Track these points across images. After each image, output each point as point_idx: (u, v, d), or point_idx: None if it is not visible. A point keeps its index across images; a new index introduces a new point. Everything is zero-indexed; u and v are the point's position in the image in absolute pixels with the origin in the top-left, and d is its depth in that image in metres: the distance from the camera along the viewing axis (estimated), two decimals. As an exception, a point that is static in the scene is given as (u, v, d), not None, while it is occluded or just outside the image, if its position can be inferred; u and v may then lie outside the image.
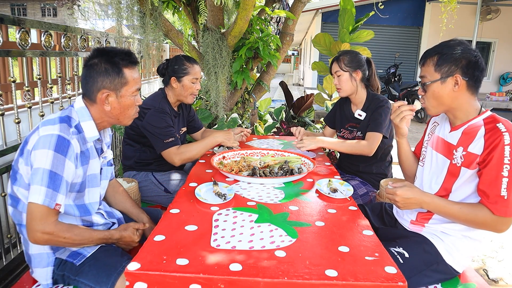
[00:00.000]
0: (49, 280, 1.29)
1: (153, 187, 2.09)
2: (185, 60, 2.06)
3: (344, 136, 2.21)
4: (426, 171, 1.46)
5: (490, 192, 1.19)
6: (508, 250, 2.60)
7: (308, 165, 1.83)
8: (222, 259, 1.00)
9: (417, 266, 1.30)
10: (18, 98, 2.00)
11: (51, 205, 1.13)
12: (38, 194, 1.12)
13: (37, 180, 1.13)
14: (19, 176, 1.22)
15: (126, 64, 1.30)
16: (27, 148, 1.20)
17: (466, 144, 1.28)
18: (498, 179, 1.17)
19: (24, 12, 26.09)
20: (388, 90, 8.48)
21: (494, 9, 9.15)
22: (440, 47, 1.31)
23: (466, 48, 1.27)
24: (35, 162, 1.15)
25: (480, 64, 1.27)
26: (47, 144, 1.15)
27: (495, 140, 1.18)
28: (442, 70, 1.29)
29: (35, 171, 1.14)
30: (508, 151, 1.16)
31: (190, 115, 2.33)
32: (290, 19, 3.44)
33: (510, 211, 1.17)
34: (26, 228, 1.15)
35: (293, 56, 27.59)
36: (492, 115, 1.28)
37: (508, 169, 1.16)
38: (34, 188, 1.12)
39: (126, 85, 1.30)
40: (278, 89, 13.19)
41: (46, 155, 1.14)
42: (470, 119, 1.30)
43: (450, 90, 1.29)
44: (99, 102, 1.29)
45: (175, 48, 7.03)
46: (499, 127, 1.20)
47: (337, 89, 2.11)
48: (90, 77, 1.27)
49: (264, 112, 4.44)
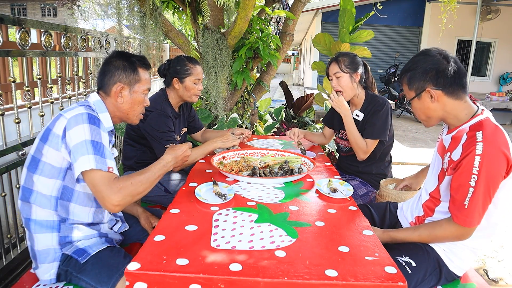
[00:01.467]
0: (53, 276, 1.30)
1: (153, 187, 2.09)
2: (187, 61, 2.05)
3: (343, 137, 2.21)
4: (431, 171, 1.47)
5: (457, 199, 1.20)
6: (508, 250, 2.60)
7: (308, 165, 1.83)
8: (222, 259, 1.00)
9: (423, 274, 1.30)
10: (18, 98, 2.00)
11: (103, 168, 1.17)
12: (88, 162, 1.16)
13: (83, 151, 1.17)
14: (42, 164, 1.24)
15: (141, 65, 1.43)
16: (55, 133, 1.22)
17: (452, 150, 1.28)
18: (465, 187, 1.17)
19: (24, 12, 26.08)
20: (388, 90, 8.48)
21: (494, 9, 9.14)
22: (409, 63, 1.32)
23: (434, 58, 1.26)
24: (73, 139, 1.18)
25: (451, 69, 1.24)
26: (80, 120, 1.21)
27: (469, 149, 1.17)
28: (414, 87, 1.30)
29: (76, 146, 1.17)
30: (477, 161, 1.14)
31: (191, 116, 2.33)
32: (290, 19, 3.44)
33: (468, 221, 1.17)
34: (100, 201, 1.17)
35: (293, 56, 27.58)
36: (480, 121, 1.23)
37: (476, 179, 1.14)
38: (82, 159, 1.16)
39: (139, 82, 1.42)
40: (278, 89, 13.19)
41: (82, 129, 1.19)
42: (461, 123, 1.28)
43: (429, 103, 1.29)
44: (113, 95, 1.39)
45: (175, 48, 7.03)
46: (476, 136, 1.18)
47: (337, 91, 2.04)
48: (108, 71, 1.39)
49: (264, 112, 4.44)
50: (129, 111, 1.44)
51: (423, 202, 1.42)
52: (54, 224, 1.29)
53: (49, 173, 1.24)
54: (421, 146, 5.82)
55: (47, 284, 1.30)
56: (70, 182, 1.28)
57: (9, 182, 1.87)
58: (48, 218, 1.28)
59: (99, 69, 1.44)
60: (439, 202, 1.35)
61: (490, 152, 1.14)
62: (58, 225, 1.29)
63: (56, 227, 1.29)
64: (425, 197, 1.43)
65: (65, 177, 1.26)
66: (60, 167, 1.25)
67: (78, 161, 1.16)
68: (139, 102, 1.44)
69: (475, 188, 1.15)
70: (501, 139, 1.17)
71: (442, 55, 1.27)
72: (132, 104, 1.42)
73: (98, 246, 1.33)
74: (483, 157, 1.14)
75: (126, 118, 1.46)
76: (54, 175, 1.25)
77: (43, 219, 1.28)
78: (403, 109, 8.15)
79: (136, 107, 1.44)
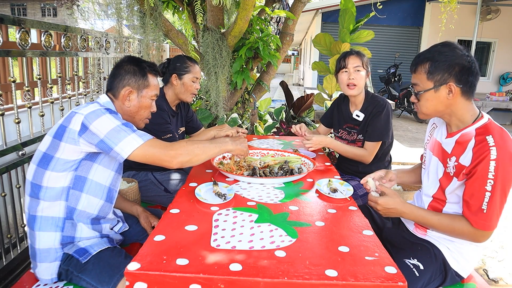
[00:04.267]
0: (54, 275, 1.30)
1: (152, 186, 2.09)
2: (187, 59, 2.12)
3: (342, 136, 2.21)
4: (426, 174, 1.45)
5: (472, 204, 1.19)
6: (508, 250, 2.60)
7: (308, 165, 1.83)
8: (222, 259, 1.00)
9: (429, 277, 1.30)
10: (18, 98, 2.00)
11: (149, 138, 1.26)
12: (134, 140, 1.23)
13: (122, 135, 1.22)
14: (55, 160, 1.25)
15: (151, 71, 1.48)
16: (71, 129, 1.23)
17: (458, 154, 1.26)
18: (481, 192, 1.16)
19: (24, 12, 26.07)
20: (388, 90, 8.48)
21: (494, 9, 9.14)
22: (431, 52, 1.26)
23: (459, 53, 1.22)
24: (102, 129, 1.22)
25: (474, 68, 1.22)
26: (99, 113, 1.25)
27: (482, 154, 1.16)
28: (435, 78, 1.24)
29: (111, 133, 1.22)
30: (493, 166, 1.14)
31: (189, 116, 2.34)
32: (290, 19, 3.44)
33: (488, 225, 1.17)
34: (161, 164, 1.26)
35: (293, 56, 27.57)
36: (485, 125, 1.23)
37: (492, 184, 1.15)
38: (125, 141, 1.22)
39: (148, 87, 1.46)
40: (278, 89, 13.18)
41: (108, 118, 1.24)
42: (465, 126, 1.27)
43: (444, 98, 1.25)
44: (121, 98, 1.43)
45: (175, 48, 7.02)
46: (487, 140, 1.17)
47: (352, 84, 2.00)
48: (118, 75, 1.43)
49: (264, 112, 4.44)
50: (135, 115, 1.47)
51: (428, 203, 1.41)
52: (59, 222, 1.29)
53: (62, 167, 1.26)
54: (421, 146, 5.82)
55: (47, 284, 1.30)
56: (83, 171, 1.30)
57: (9, 182, 1.87)
58: (54, 214, 1.28)
59: (110, 72, 1.48)
60: (445, 203, 1.34)
61: (504, 156, 1.15)
62: (63, 223, 1.30)
63: (60, 226, 1.29)
64: (427, 200, 1.41)
65: (79, 167, 1.28)
66: (75, 159, 1.27)
67: (121, 145, 1.22)
68: (146, 107, 1.48)
69: (492, 193, 1.15)
70: (509, 141, 1.18)
71: (466, 53, 1.23)
72: (138, 108, 1.46)
73: (99, 246, 1.33)
74: (498, 161, 1.14)
75: (131, 122, 1.47)
76: (67, 168, 1.27)
77: (49, 216, 1.28)
78: (403, 109, 8.14)
79: (142, 112, 1.48)
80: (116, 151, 1.22)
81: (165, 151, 1.26)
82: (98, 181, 1.34)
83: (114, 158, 1.33)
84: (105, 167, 1.35)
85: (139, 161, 1.26)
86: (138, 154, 1.24)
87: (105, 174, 1.36)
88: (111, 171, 1.39)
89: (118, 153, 1.23)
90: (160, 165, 1.28)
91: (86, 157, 1.29)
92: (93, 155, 1.30)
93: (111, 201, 1.44)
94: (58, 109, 2.29)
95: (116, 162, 1.40)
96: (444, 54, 1.23)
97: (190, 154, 1.31)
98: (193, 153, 1.32)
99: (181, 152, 1.29)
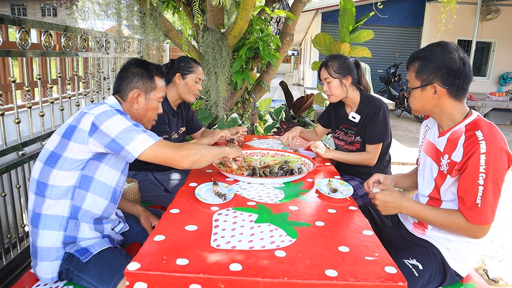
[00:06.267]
0: (55, 274, 1.30)
1: (153, 186, 2.09)
2: (191, 60, 2.17)
3: (339, 137, 2.21)
4: (422, 175, 1.46)
5: (467, 199, 1.19)
6: (508, 250, 2.60)
7: (308, 165, 1.83)
8: (222, 259, 1.00)
9: (428, 277, 1.30)
10: (18, 98, 2.00)
11: (160, 139, 1.28)
12: (145, 140, 1.25)
13: (133, 135, 1.24)
14: (63, 159, 1.26)
15: (157, 73, 1.50)
16: (81, 129, 1.24)
17: (450, 152, 1.27)
18: (474, 187, 1.17)
19: (24, 12, 26.06)
20: (388, 90, 8.48)
21: (494, 9, 9.14)
22: (423, 51, 1.29)
23: (450, 55, 1.23)
24: (113, 129, 1.23)
25: (463, 71, 1.23)
26: (110, 113, 1.26)
27: (472, 149, 1.18)
28: (421, 77, 1.28)
29: (122, 133, 1.23)
30: (483, 159, 1.15)
31: (189, 116, 2.35)
32: (290, 19, 3.44)
33: (483, 219, 1.17)
34: (172, 163, 1.29)
35: (293, 56, 27.58)
36: (474, 121, 1.25)
37: (484, 177, 1.15)
38: (136, 141, 1.24)
39: (155, 90, 1.49)
40: (278, 89, 13.19)
41: (119, 118, 1.26)
42: (455, 124, 1.29)
43: (430, 98, 1.28)
44: (129, 101, 1.45)
45: (175, 48, 7.03)
46: (477, 135, 1.19)
47: (328, 95, 2.09)
48: (126, 78, 1.45)
49: (264, 112, 4.44)
50: (143, 117, 1.49)
51: (425, 203, 1.41)
52: (62, 221, 1.29)
53: (69, 166, 1.26)
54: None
55: (48, 284, 1.30)
56: (90, 171, 1.30)
57: (9, 182, 1.87)
58: (58, 213, 1.29)
59: (117, 74, 1.49)
60: (441, 202, 1.35)
61: (493, 149, 1.15)
62: (67, 222, 1.30)
63: (64, 225, 1.30)
64: (424, 200, 1.42)
65: (85, 167, 1.29)
66: (83, 158, 1.27)
67: (132, 144, 1.23)
68: (154, 108, 1.51)
69: (485, 186, 1.15)
70: (499, 135, 1.20)
71: (459, 55, 1.24)
72: (146, 111, 1.49)
73: (100, 246, 1.33)
74: (488, 154, 1.15)
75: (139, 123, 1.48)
76: (74, 167, 1.27)
77: (53, 214, 1.28)
78: (403, 109, 8.15)
79: (149, 114, 1.51)
80: (127, 150, 1.24)
81: (176, 151, 1.29)
82: (104, 181, 1.35)
83: (123, 159, 1.34)
84: (111, 167, 1.36)
85: (148, 160, 1.27)
86: (149, 153, 1.26)
87: (111, 174, 1.37)
88: (117, 171, 1.39)
89: (129, 152, 1.24)
90: (170, 164, 1.30)
91: (94, 157, 1.29)
92: (101, 155, 1.31)
93: (115, 201, 1.44)
94: (58, 109, 2.29)
95: (122, 163, 1.40)
96: (435, 54, 1.25)
97: (199, 154, 1.36)
98: (201, 153, 1.37)
99: (191, 152, 1.33)
